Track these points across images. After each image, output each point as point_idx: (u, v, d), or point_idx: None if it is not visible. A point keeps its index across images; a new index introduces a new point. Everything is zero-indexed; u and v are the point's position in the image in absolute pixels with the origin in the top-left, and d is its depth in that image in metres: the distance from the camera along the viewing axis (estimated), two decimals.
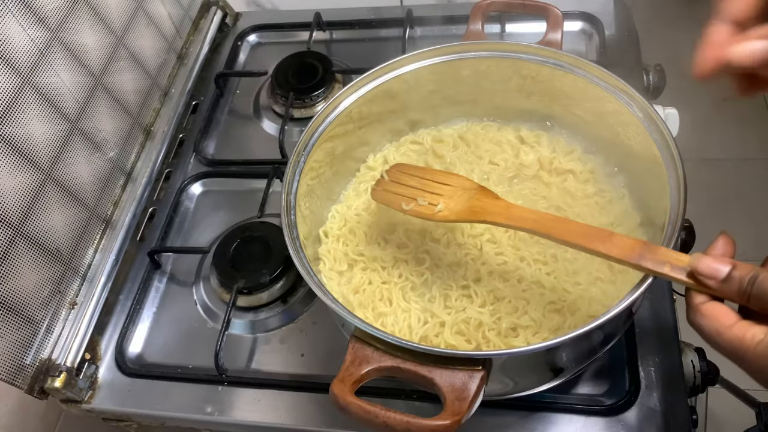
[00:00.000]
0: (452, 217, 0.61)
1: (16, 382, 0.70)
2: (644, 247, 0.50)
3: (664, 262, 0.49)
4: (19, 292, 0.70)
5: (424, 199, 0.63)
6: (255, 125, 0.98)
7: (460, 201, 0.62)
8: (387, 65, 0.71)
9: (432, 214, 0.62)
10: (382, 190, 0.67)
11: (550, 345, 0.50)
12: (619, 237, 0.51)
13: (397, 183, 0.66)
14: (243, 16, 1.12)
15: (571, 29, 0.96)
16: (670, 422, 0.63)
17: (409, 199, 0.64)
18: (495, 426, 0.65)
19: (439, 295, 0.65)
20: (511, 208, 0.59)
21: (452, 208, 0.62)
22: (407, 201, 0.64)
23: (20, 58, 0.69)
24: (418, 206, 0.63)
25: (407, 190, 0.65)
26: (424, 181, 0.65)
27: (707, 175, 1.75)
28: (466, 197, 0.62)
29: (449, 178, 0.65)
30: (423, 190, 0.64)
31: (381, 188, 0.67)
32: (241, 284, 0.76)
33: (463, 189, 0.63)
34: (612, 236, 0.51)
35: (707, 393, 0.78)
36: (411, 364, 0.51)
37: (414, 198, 0.64)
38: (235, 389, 0.72)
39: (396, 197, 0.65)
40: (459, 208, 0.61)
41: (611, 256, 0.51)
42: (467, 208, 0.61)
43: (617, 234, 0.52)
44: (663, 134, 0.60)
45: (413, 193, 0.64)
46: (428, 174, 0.66)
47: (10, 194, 0.68)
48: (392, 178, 0.67)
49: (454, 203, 0.62)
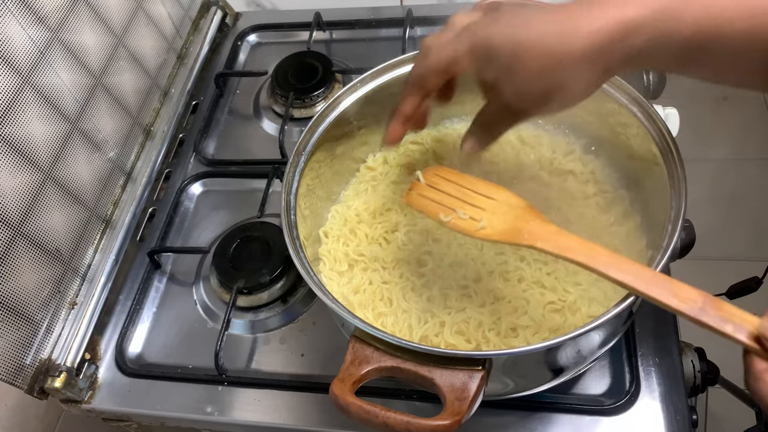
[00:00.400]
0: (495, 237, 0.56)
1: (16, 382, 0.70)
2: (706, 300, 0.45)
3: (727, 321, 0.44)
4: (19, 292, 0.70)
5: (465, 211, 0.58)
6: (255, 125, 0.98)
7: (505, 219, 0.56)
8: (387, 65, 0.71)
9: (473, 231, 0.56)
10: (418, 194, 0.61)
11: (550, 345, 0.50)
12: (679, 286, 0.47)
13: (435, 189, 0.61)
14: (243, 16, 1.12)
15: None
16: (670, 422, 0.63)
17: (449, 210, 0.58)
18: (495, 426, 0.65)
19: (439, 295, 0.65)
20: (560, 235, 0.53)
21: (496, 226, 0.56)
22: (446, 211, 0.58)
23: (20, 58, 0.69)
24: (458, 219, 0.57)
25: (446, 199, 0.59)
26: (465, 190, 0.59)
27: (707, 175, 1.75)
28: (511, 216, 0.56)
29: (493, 191, 0.59)
30: (463, 201, 0.59)
31: (417, 192, 0.61)
32: (241, 284, 0.76)
33: (508, 205, 0.57)
34: (672, 284, 0.47)
35: (707, 393, 0.78)
36: (411, 364, 0.51)
37: (453, 209, 0.58)
38: (235, 389, 0.72)
39: (433, 205, 0.59)
40: (503, 227, 0.56)
41: (669, 306, 0.46)
42: (512, 229, 0.55)
43: (677, 282, 0.47)
44: (663, 134, 0.60)
45: (453, 202, 0.59)
46: (469, 183, 0.60)
47: (10, 194, 0.68)
48: (429, 182, 0.62)
49: (498, 221, 0.56)
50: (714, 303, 0.45)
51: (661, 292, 0.47)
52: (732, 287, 1.03)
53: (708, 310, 0.45)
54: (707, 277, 1.20)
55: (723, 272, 1.18)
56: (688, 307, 0.45)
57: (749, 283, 1.00)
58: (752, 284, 1.00)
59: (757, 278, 1.00)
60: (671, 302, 0.46)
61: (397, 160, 0.77)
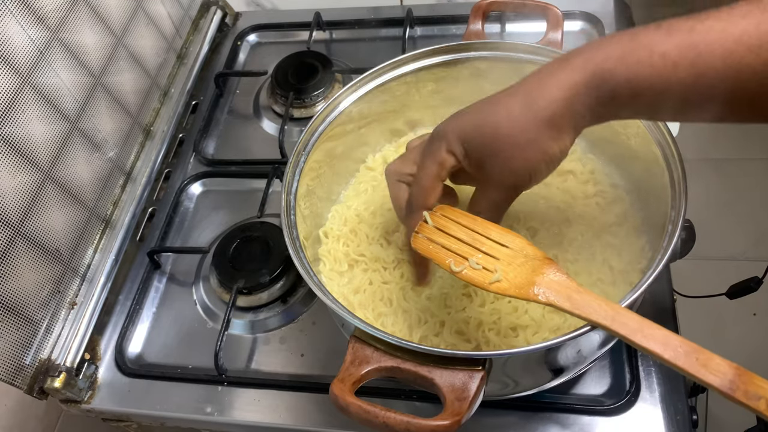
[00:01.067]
0: (511, 291, 0.51)
1: (15, 382, 0.70)
2: (737, 373, 0.43)
3: (760, 397, 0.43)
4: (19, 292, 0.70)
5: (477, 261, 0.53)
6: (255, 125, 0.98)
7: (522, 272, 0.52)
8: (387, 65, 0.71)
9: (487, 283, 0.52)
10: (426, 239, 0.56)
11: (550, 345, 0.50)
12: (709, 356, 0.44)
13: (444, 233, 0.56)
14: (243, 15, 1.12)
15: (571, 29, 0.96)
16: (670, 422, 0.63)
17: (460, 259, 0.54)
18: (495, 426, 0.65)
19: (439, 295, 0.65)
20: (581, 293, 0.49)
21: (511, 279, 0.52)
22: (457, 260, 0.54)
23: (20, 58, 0.69)
24: (470, 269, 0.53)
25: (456, 245, 0.55)
26: (476, 235, 0.55)
27: (707, 175, 1.75)
28: (528, 268, 0.52)
29: (508, 239, 0.55)
30: (475, 248, 0.54)
31: (424, 236, 0.57)
32: (241, 284, 0.76)
33: (524, 256, 0.53)
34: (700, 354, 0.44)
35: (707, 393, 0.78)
36: (411, 364, 0.50)
37: (465, 257, 0.54)
38: (234, 389, 0.72)
39: (443, 252, 0.55)
40: (520, 281, 0.51)
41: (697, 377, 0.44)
42: (529, 283, 0.51)
43: (706, 351, 0.45)
44: (663, 134, 0.60)
45: (464, 250, 0.54)
46: (480, 227, 0.56)
47: (9, 194, 0.68)
48: (438, 225, 0.57)
49: (514, 273, 0.52)
50: (745, 376, 0.43)
51: (689, 362, 0.44)
52: (732, 287, 1.03)
53: (739, 383, 0.43)
54: (707, 277, 1.20)
55: (723, 272, 1.18)
56: (718, 380, 0.43)
57: (749, 283, 1.00)
58: (752, 284, 1.00)
59: (757, 278, 1.00)
60: (699, 373, 0.44)
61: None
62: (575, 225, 0.68)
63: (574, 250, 0.65)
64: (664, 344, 0.45)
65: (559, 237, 0.67)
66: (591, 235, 0.67)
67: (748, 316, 1.48)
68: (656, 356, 0.45)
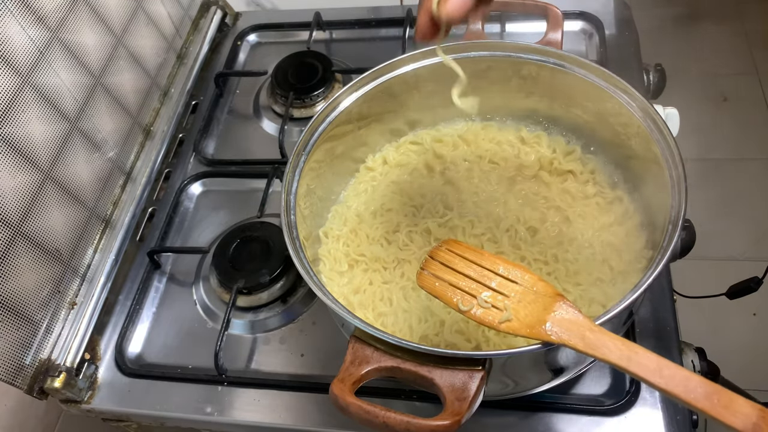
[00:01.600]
0: (522, 331, 0.50)
1: (15, 382, 0.70)
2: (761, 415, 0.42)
3: None
4: (19, 292, 0.70)
5: (486, 299, 0.52)
6: (255, 125, 0.98)
7: (532, 309, 0.50)
8: (387, 65, 0.71)
9: (497, 323, 0.51)
10: (432, 275, 0.55)
11: (549, 345, 0.50)
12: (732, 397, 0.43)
13: (450, 269, 0.54)
14: (243, 15, 1.12)
15: (571, 29, 0.96)
16: (670, 422, 0.63)
17: (468, 297, 0.52)
18: (495, 426, 0.65)
19: None
20: (594, 332, 0.48)
21: (522, 318, 0.50)
22: (465, 299, 0.52)
23: (20, 58, 0.69)
24: (478, 308, 0.51)
25: (463, 282, 0.53)
26: (484, 271, 0.53)
27: (707, 175, 1.75)
28: (539, 305, 0.50)
29: (517, 274, 0.53)
30: (483, 285, 0.53)
31: (430, 273, 0.55)
32: (241, 284, 0.76)
33: (535, 293, 0.51)
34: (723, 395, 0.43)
35: None
36: (411, 364, 0.50)
37: (474, 296, 0.52)
38: (234, 389, 0.72)
39: (450, 290, 0.53)
40: (530, 320, 0.50)
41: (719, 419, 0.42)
42: (541, 322, 0.49)
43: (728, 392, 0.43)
44: (663, 134, 0.60)
45: (471, 287, 0.53)
46: (488, 262, 0.54)
47: (9, 194, 0.68)
48: (444, 261, 0.55)
49: (523, 311, 0.50)
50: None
51: (710, 404, 0.43)
52: (732, 287, 1.03)
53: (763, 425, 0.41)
54: (707, 277, 1.20)
55: (723, 272, 1.18)
56: (740, 423, 0.42)
57: (749, 283, 1.00)
58: (752, 284, 1.00)
59: (757, 278, 1.00)
60: (720, 415, 0.42)
61: (397, 160, 0.77)
62: (575, 225, 0.68)
63: (574, 250, 0.65)
64: (684, 386, 0.43)
65: (559, 237, 0.67)
66: (591, 235, 0.67)
67: (748, 316, 1.48)
68: (676, 398, 0.44)
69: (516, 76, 0.72)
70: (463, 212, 0.70)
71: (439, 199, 0.72)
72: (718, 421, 0.42)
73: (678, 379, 0.44)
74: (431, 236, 0.69)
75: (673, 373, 0.44)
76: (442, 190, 0.73)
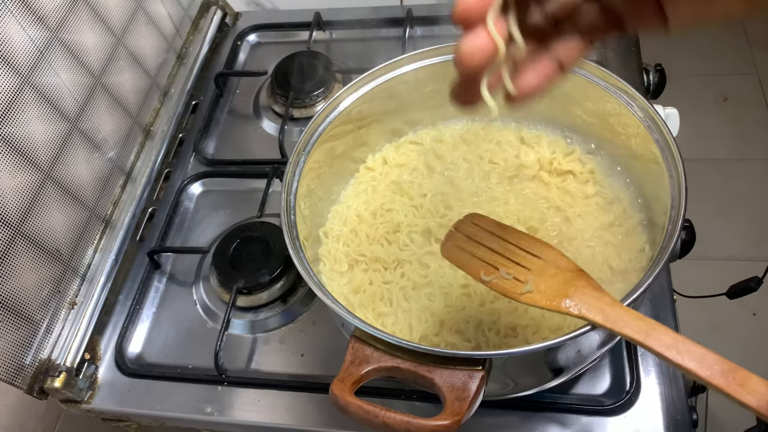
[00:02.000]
0: (542, 303, 0.50)
1: (15, 382, 0.70)
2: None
3: None
4: (19, 292, 0.70)
5: (508, 270, 0.53)
6: (255, 125, 0.98)
7: (553, 282, 0.51)
8: (387, 65, 0.71)
9: (517, 294, 0.51)
10: (456, 247, 0.56)
11: (550, 345, 0.50)
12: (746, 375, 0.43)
13: (474, 241, 0.55)
14: (243, 15, 1.12)
15: None
16: (670, 422, 0.63)
17: (490, 268, 0.53)
18: (495, 426, 0.65)
19: (440, 294, 0.65)
20: (614, 306, 0.48)
21: (543, 290, 0.51)
22: (487, 270, 0.53)
23: (20, 58, 0.69)
24: (500, 279, 0.52)
25: (487, 254, 0.54)
26: (507, 245, 0.54)
27: (707, 175, 1.75)
28: (560, 279, 0.51)
29: (540, 249, 0.54)
30: (506, 257, 0.53)
31: (453, 244, 0.56)
32: (241, 284, 0.76)
33: (557, 267, 0.52)
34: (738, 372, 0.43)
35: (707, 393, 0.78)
36: (411, 364, 0.50)
37: (496, 267, 0.53)
38: (234, 389, 0.72)
39: (473, 261, 0.54)
40: (551, 293, 0.51)
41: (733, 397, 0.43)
42: (561, 295, 0.50)
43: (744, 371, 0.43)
44: (663, 134, 0.60)
45: (495, 259, 0.54)
46: (513, 236, 0.55)
47: (9, 194, 0.68)
48: (468, 234, 0.56)
49: (545, 284, 0.51)
50: None
51: (725, 381, 0.43)
52: (732, 287, 1.03)
53: None
54: (707, 277, 1.21)
55: (723, 272, 1.18)
56: (755, 401, 0.42)
57: (749, 283, 1.00)
58: (752, 284, 1.00)
59: (757, 278, 1.00)
60: (736, 393, 0.42)
61: (397, 160, 0.77)
62: (575, 225, 0.68)
63: (574, 250, 0.65)
64: (700, 362, 0.44)
65: (559, 237, 0.67)
66: (591, 235, 0.67)
67: (748, 316, 1.48)
68: (691, 374, 0.44)
69: None
70: (464, 212, 0.70)
71: (440, 198, 0.72)
72: (734, 399, 0.42)
73: (694, 355, 0.44)
74: (432, 236, 0.69)
75: (689, 349, 0.44)
76: (442, 189, 0.73)
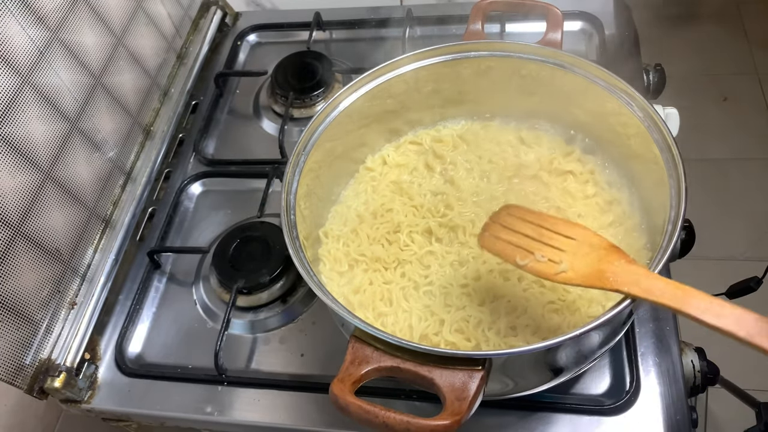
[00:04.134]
0: (577, 281, 0.53)
1: (15, 382, 0.70)
2: None
3: None
4: (19, 292, 0.70)
5: (543, 253, 0.55)
6: (255, 125, 0.98)
7: (587, 261, 0.53)
8: (387, 65, 0.71)
9: (553, 274, 0.54)
10: (492, 236, 0.58)
11: (550, 345, 0.50)
12: None
13: (510, 230, 0.58)
14: (243, 15, 1.12)
15: (571, 29, 0.96)
16: (670, 422, 0.63)
17: (526, 253, 0.55)
18: (495, 426, 0.65)
19: (440, 293, 0.65)
20: (648, 277, 0.50)
21: (577, 269, 0.53)
22: (523, 254, 0.55)
23: (20, 58, 0.69)
24: (535, 262, 0.55)
25: (522, 240, 0.56)
26: (542, 230, 0.56)
27: (707, 175, 1.75)
28: (594, 257, 0.53)
29: (573, 230, 0.56)
30: (541, 242, 0.56)
31: (490, 234, 0.59)
32: (241, 284, 0.76)
33: (590, 246, 0.54)
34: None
35: (707, 393, 0.78)
36: (411, 364, 0.50)
37: (531, 251, 0.55)
38: (234, 389, 0.72)
39: (509, 248, 0.56)
40: (586, 270, 0.53)
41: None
42: (596, 272, 0.52)
43: None
44: (663, 134, 0.60)
45: (530, 244, 0.56)
46: (547, 222, 0.57)
47: (10, 194, 0.68)
48: (504, 223, 0.59)
49: (579, 263, 0.53)
50: None
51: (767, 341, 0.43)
52: (732, 287, 1.03)
53: None
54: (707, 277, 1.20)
55: (723, 272, 1.18)
56: None
57: (749, 283, 1.00)
58: (752, 284, 1.00)
59: (757, 278, 1.00)
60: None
61: (396, 161, 0.77)
62: None
63: None
64: (738, 323, 0.44)
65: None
66: None
67: None
68: (730, 335, 0.44)
69: (516, 75, 0.72)
70: (464, 212, 0.70)
71: (440, 198, 0.72)
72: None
73: (731, 316, 0.45)
74: (432, 236, 0.69)
75: (725, 311, 0.45)
76: (442, 189, 0.73)
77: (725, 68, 2.02)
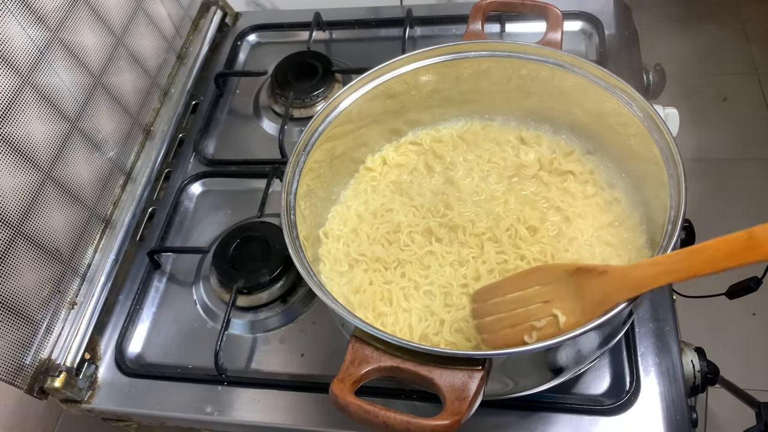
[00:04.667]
0: (583, 320, 0.51)
1: (15, 382, 0.70)
2: None
3: None
4: (19, 292, 0.70)
5: (539, 317, 0.54)
6: (255, 125, 0.98)
7: (573, 297, 0.52)
8: (387, 65, 0.71)
9: (560, 330, 0.52)
10: (492, 333, 0.57)
11: (550, 345, 0.50)
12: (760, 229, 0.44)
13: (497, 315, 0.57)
14: (243, 15, 1.12)
15: (571, 29, 0.96)
16: (669, 422, 0.63)
17: (527, 328, 0.54)
18: (495, 426, 0.65)
19: (440, 293, 0.65)
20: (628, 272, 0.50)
21: (572, 311, 0.52)
22: (527, 331, 0.54)
23: (20, 58, 0.69)
24: (541, 331, 0.53)
25: (515, 317, 0.55)
26: (518, 294, 0.56)
27: (707, 175, 1.75)
28: (573, 289, 0.52)
29: (537, 277, 0.55)
30: (528, 308, 0.55)
31: (489, 334, 0.57)
32: (241, 284, 0.76)
33: (561, 282, 0.54)
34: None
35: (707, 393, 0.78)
36: (411, 364, 0.50)
37: (530, 323, 0.54)
38: (234, 389, 0.72)
39: (511, 333, 0.55)
40: (579, 306, 0.52)
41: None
42: (587, 302, 0.51)
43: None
44: (663, 134, 0.60)
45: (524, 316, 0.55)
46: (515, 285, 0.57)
47: (10, 194, 0.68)
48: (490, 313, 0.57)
49: (569, 303, 0.52)
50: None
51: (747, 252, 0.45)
52: (732, 287, 1.03)
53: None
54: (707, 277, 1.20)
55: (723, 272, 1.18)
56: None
57: (749, 283, 1.00)
58: (752, 284, 1.00)
59: (756, 278, 1.00)
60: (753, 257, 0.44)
61: (396, 161, 0.77)
62: (575, 224, 0.68)
63: (574, 250, 0.65)
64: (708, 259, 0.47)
65: (559, 236, 0.67)
66: (590, 235, 0.67)
67: (748, 316, 1.48)
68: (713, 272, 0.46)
69: (516, 75, 0.72)
70: (464, 211, 0.70)
71: (440, 198, 0.72)
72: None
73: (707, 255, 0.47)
74: (432, 236, 0.69)
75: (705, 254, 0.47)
76: (442, 189, 0.73)
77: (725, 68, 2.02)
